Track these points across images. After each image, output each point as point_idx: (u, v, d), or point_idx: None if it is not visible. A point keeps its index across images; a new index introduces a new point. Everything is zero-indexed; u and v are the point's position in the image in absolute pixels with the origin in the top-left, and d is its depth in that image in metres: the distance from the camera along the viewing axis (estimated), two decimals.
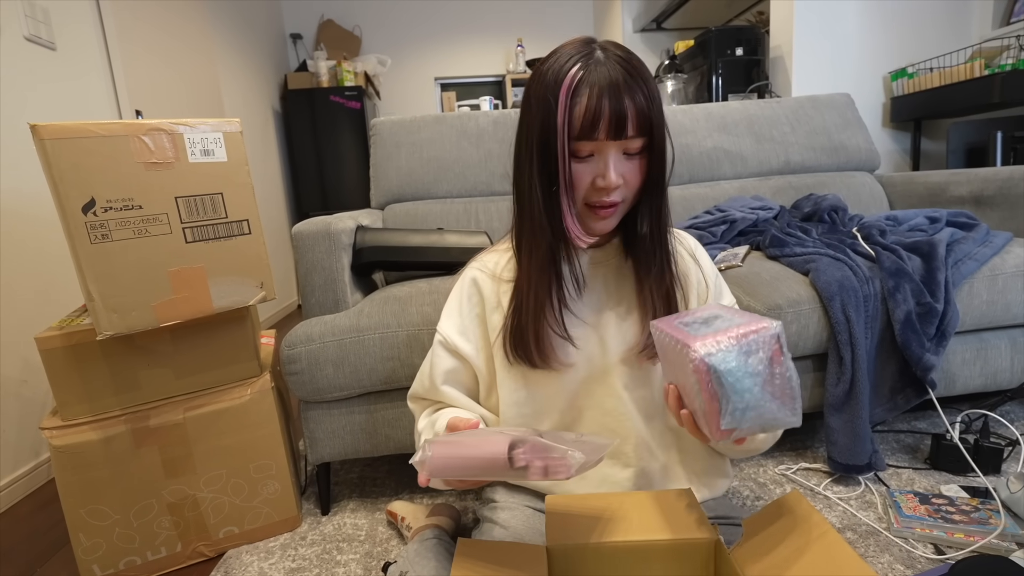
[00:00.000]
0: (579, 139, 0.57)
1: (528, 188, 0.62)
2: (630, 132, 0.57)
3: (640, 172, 0.60)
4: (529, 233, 0.64)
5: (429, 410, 0.74)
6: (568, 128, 0.57)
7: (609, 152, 0.58)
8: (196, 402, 0.98)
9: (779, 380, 0.48)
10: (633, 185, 0.61)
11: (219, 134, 0.88)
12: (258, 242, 0.94)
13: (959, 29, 2.09)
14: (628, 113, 0.56)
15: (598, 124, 0.56)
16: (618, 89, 0.55)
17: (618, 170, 0.58)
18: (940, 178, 1.58)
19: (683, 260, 0.72)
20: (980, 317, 1.15)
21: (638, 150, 0.59)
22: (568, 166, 0.58)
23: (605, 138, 0.57)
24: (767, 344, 0.47)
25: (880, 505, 1.04)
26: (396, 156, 1.72)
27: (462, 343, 0.71)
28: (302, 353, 1.03)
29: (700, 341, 0.48)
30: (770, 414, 0.47)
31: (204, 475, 1.00)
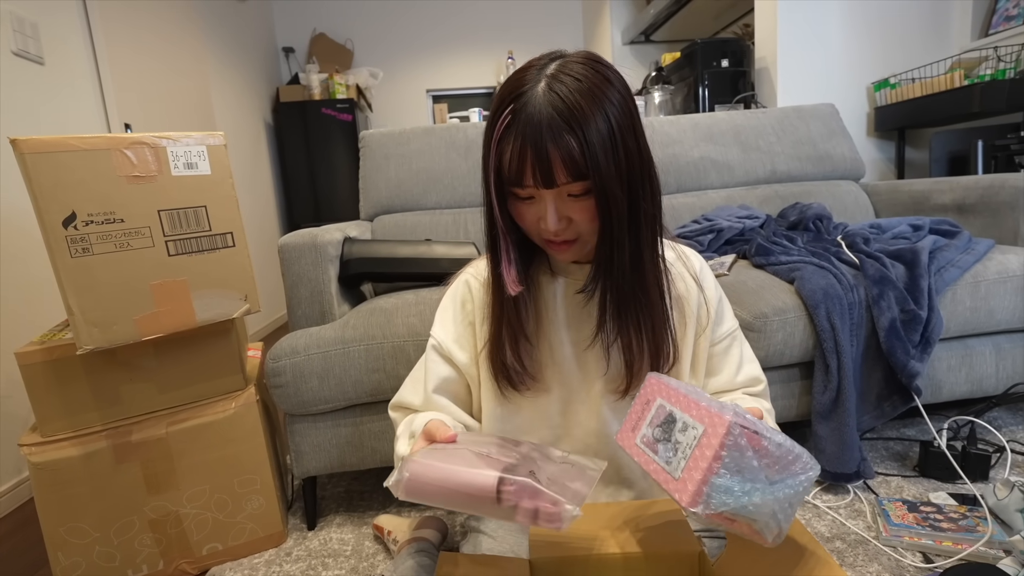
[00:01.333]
0: (512, 185, 0.55)
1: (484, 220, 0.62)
2: (560, 180, 0.53)
3: (589, 210, 0.55)
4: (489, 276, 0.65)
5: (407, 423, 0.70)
6: (499, 177, 0.56)
7: (547, 197, 0.55)
8: (179, 416, 0.97)
9: (774, 460, 0.44)
10: (584, 222, 0.57)
11: (203, 147, 0.88)
12: (242, 254, 0.94)
13: (940, 40, 2.13)
14: (554, 162, 0.51)
15: (523, 173, 0.53)
16: (542, 136, 0.51)
17: (560, 213, 0.55)
18: (923, 186, 1.60)
19: (683, 282, 0.68)
20: (964, 324, 1.16)
21: (581, 191, 0.54)
22: (498, 212, 0.57)
23: (535, 186, 0.54)
24: (740, 445, 0.42)
25: (869, 513, 1.03)
26: (385, 168, 1.72)
27: (456, 351, 0.69)
28: (287, 366, 1.02)
29: (689, 497, 0.42)
30: (794, 492, 0.43)
31: (187, 491, 0.98)
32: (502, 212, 0.58)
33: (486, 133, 0.56)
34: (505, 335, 0.64)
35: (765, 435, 0.43)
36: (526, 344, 0.64)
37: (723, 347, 0.70)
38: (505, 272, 0.60)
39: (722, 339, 0.70)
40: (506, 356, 0.64)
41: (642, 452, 0.50)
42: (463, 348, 0.69)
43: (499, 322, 0.64)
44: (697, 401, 0.47)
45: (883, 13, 2.12)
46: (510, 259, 0.60)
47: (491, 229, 0.60)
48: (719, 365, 0.70)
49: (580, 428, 0.69)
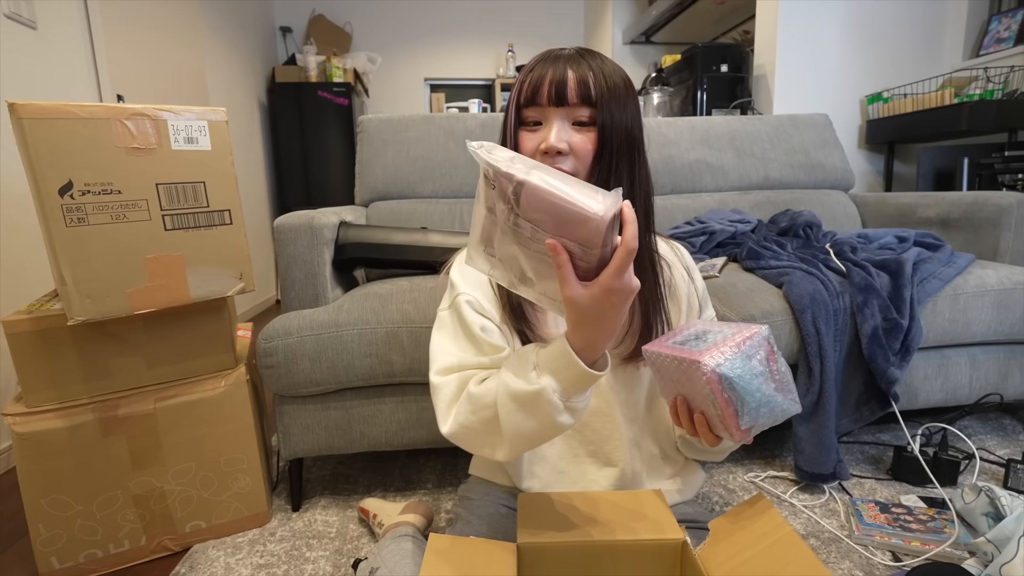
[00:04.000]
0: (525, 106, 0.61)
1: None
2: (571, 99, 0.59)
3: (590, 143, 0.60)
4: None
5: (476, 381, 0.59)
6: (518, 98, 0.62)
7: (552, 118, 0.60)
8: (168, 392, 0.97)
9: (778, 375, 0.53)
10: (583, 155, 0.61)
11: (204, 122, 0.87)
12: (239, 233, 0.94)
13: (932, 58, 2.18)
14: (568, 81, 0.58)
15: (539, 90, 0.59)
16: (563, 61, 0.59)
17: (561, 136, 0.59)
18: (910, 200, 1.64)
19: (676, 271, 0.71)
20: (942, 334, 1.20)
21: (586, 120, 0.60)
22: (514, 131, 0.62)
23: (547, 103, 0.59)
24: (762, 346, 0.52)
25: (843, 513, 1.07)
26: (383, 154, 1.71)
27: (486, 303, 0.65)
28: (279, 346, 1.02)
29: (707, 355, 0.51)
30: (778, 406, 0.53)
31: (173, 467, 0.98)
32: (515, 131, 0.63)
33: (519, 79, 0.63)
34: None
35: (780, 358, 0.53)
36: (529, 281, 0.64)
37: None
38: None
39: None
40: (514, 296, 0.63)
41: (672, 348, 0.55)
42: (490, 301, 0.65)
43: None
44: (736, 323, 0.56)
45: (879, 29, 2.16)
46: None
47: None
48: None
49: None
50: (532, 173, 0.44)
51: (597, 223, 0.42)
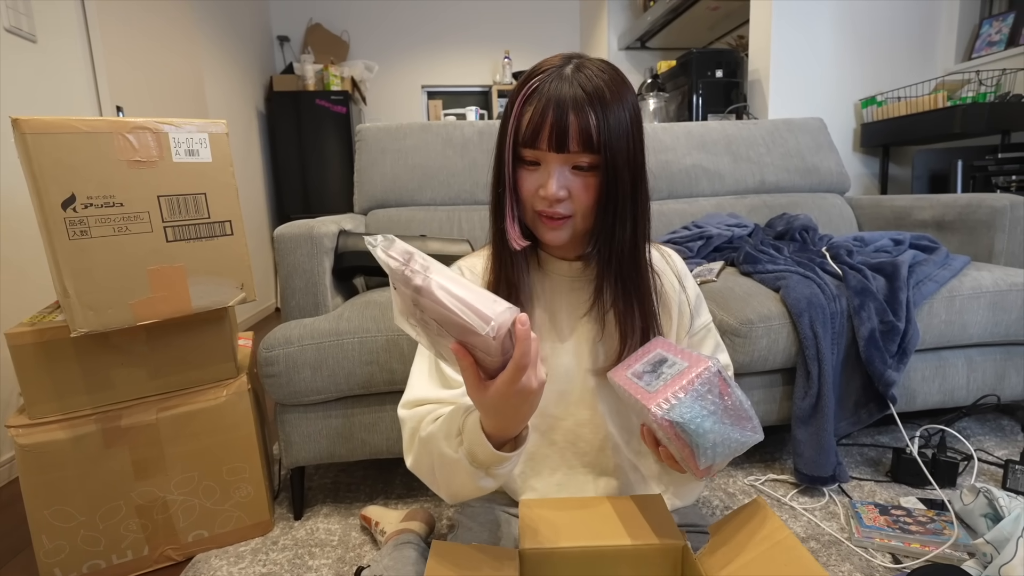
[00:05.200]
0: (524, 145, 0.59)
1: (490, 190, 0.65)
2: (572, 147, 0.57)
3: (591, 190, 0.60)
4: (491, 236, 0.67)
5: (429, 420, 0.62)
6: (515, 133, 0.59)
7: (551, 163, 0.59)
8: (170, 403, 0.97)
9: (733, 409, 0.53)
10: (583, 201, 0.60)
11: (204, 135, 0.88)
12: (240, 243, 0.94)
13: (925, 61, 2.20)
14: (570, 129, 0.56)
15: (539, 134, 0.57)
16: (566, 104, 0.56)
17: (561, 183, 0.59)
18: (905, 202, 1.65)
19: (667, 280, 0.72)
20: (939, 336, 1.21)
21: (587, 165, 0.59)
22: (510, 169, 0.60)
23: (547, 149, 0.58)
24: (712, 383, 0.52)
25: (843, 516, 1.07)
26: (381, 162, 1.73)
27: None
28: (280, 355, 1.03)
29: (657, 400, 0.52)
30: (736, 441, 0.53)
31: (175, 477, 0.98)
32: (514, 172, 0.61)
33: (509, 100, 0.61)
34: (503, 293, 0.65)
35: (735, 390, 0.53)
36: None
37: (699, 337, 0.75)
38: (509, 227, 0.62)
39: (699, 330, 0.75)
40: None
41: (629, 381, 0.57)
42: None
43: (497, 280, 0.66)
44: (691, 352, 0.56)
45: (873, 32, 2.18)
46: (514, 216, 0.62)
47: (498, 186, 0.63)
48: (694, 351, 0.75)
49: (572, 419, 0.71)
50: (430, 278, 0.43)
51: (488, 338, 0.42)
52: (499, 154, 0.61)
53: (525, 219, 0.64)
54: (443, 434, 0.57)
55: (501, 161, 0.61)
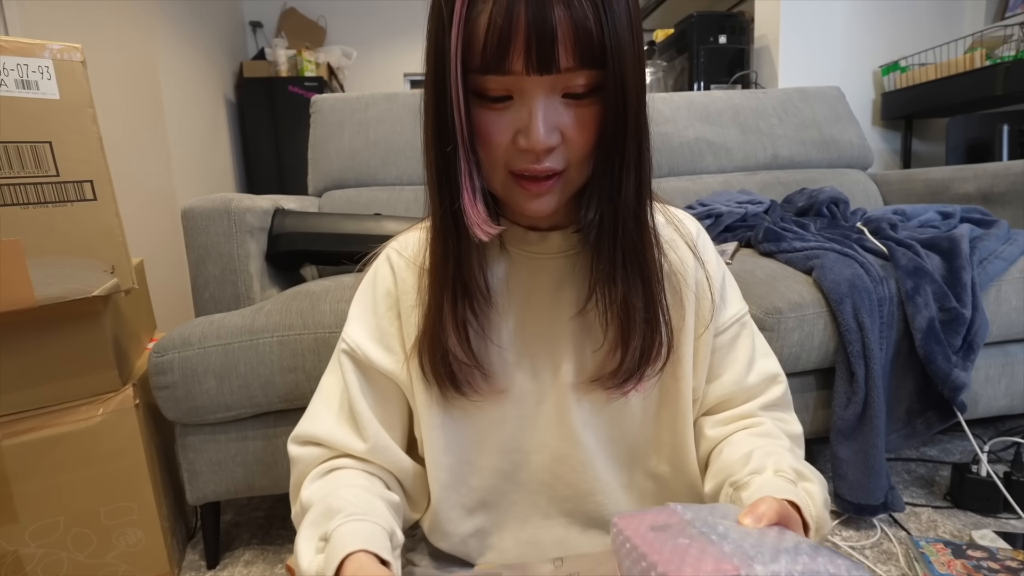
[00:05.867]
0: (483, 71, 0.36)
1: (423, 149, 0.41)
2: (564, 62, 0.35)
3: (591, 124, 0.38)
4: (429, 214, 0.44)
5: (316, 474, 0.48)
6: (465, 55, 0.36)
7: (535, 93, 0.36)
8: (20, 426, 0.73)
9: None
10: (580, 144, 0.39)
11: (47, 62, 0.64)
12: (107, 211, 0.71)
13: (951, 22, 1.99)
14: (558, 29, 0.34)
15: (508, 47, 0.34)
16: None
17: (550, 122, 0.37)
18: (942, 175, 1.43)
19: (680, 254, 0.48)
20: (1008, 327, 0.98)
21: (585, 89, 0.37)
22: (462, 113, 0.37)
23: (523, 71, 0.35)
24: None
25: (902, 557, 0.84)
26: (338, 136, 1.50)
27: (378, 355, 0.48)
28: (175, 360, 0.79)
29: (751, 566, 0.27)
30: None
31: (31, 525, 0.74)
32: (467, 114, 0.37)
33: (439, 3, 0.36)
34: (448, 314, 0.43)
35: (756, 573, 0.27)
36: (480, 334, 0.45)
37: (729, 337, 0.51)
38: (469, 207, 0.39)
39: (727, 326, 0.51)
40: (448, 341, 0.44)
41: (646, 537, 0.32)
42: (388, 349, 0.49)
43: (440, 293, 0.44)
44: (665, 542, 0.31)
45: None
46: (474, 188, 0.39)
47: (441, 146, 0.39)
48: (723, 362, 0.51)
49: (545, 453, 0.48)
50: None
51: None
52: (437, 92, 0.38)
53: (491, 186, 0.42)
54: (310, 520, 0.43)
55: (443, 102, 0.37)
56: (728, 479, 0.44)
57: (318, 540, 0.42)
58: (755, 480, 0.42)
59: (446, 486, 0.48)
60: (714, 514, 0.34)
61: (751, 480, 0.42)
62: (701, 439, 0.51)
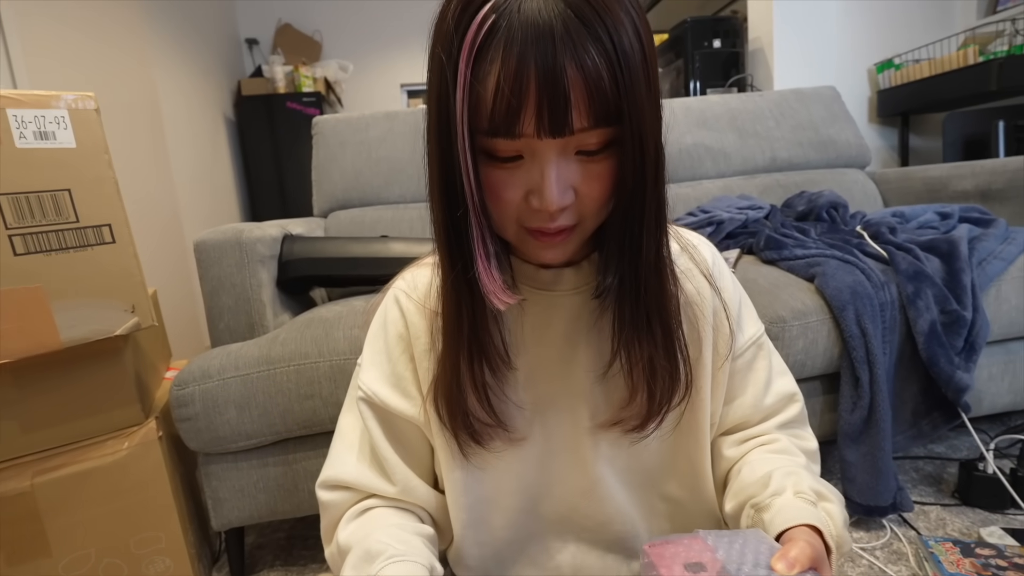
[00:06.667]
0: (492, 135, 0.35)
1: (430, 207, 0.40)
2: (578, 123, 0.33)
3: (607, 177, 0.37)
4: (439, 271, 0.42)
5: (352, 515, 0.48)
6: (472, 116, 0.34)
7: (547, 155, 0.35)
8: (51, 463, 0.76)
9: None
10: (595, 197, 0.38)
11: (63, 112, 0.67)
12: (126, 253, 0.73)
13: (944, 18, 2.00)
14: (571, 91, 0.32)
15: (518, 112, 0.33)
16: (552, 47, 0.32)
17: (563, 181, 0.36)
18: (940, 172, 1.44)
19: (694, 283, 0.48)
20: (1009, 325, 1.00)
21: (599, 146, 0.36)
22: (471, 176, 0.35)
23: (535, 135, 0.34)
24: None
25: (912, 557, 0.86)
26: (341, 157, 1.53)
27: (396, 400, 0.48)
28: (195, 393, 0.82)
29: None
30: None
31: (64, 558, 0.77)
32: (476, 183, 0.36)
33: (444, 48, 0.34)
34: (466, 376, 0.43)
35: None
36: (496, 388, 0.45)
37: (746, 360, 0.51)
38: (484, 276, 0.38)
39: (744, 349, 0.51)
40: (468, 402, 0.44)
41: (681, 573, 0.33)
42: (405, 394, 0.48)
43: (456, 354, 0.43)
44: None
45: None
46: (489, 253, 0.39)
47: (451, 209, 0.37)
48: (741, 384, 0.51)
49: (562, 486, 0.50)
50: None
51: None
52: (443, 152, 0.36)
53: (503, 235, 0.41)
54: (351, 563, 0.43)
55: (450, 164, 0.36)
56: (749, 500, 0.45)
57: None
58: (776, 502, 0.42)
59: (467, 525, 0.49)
60: (746, 554, 0.35)
61: (772, 502, 0.43)
62: (719, 459, 0.52)
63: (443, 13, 0.35)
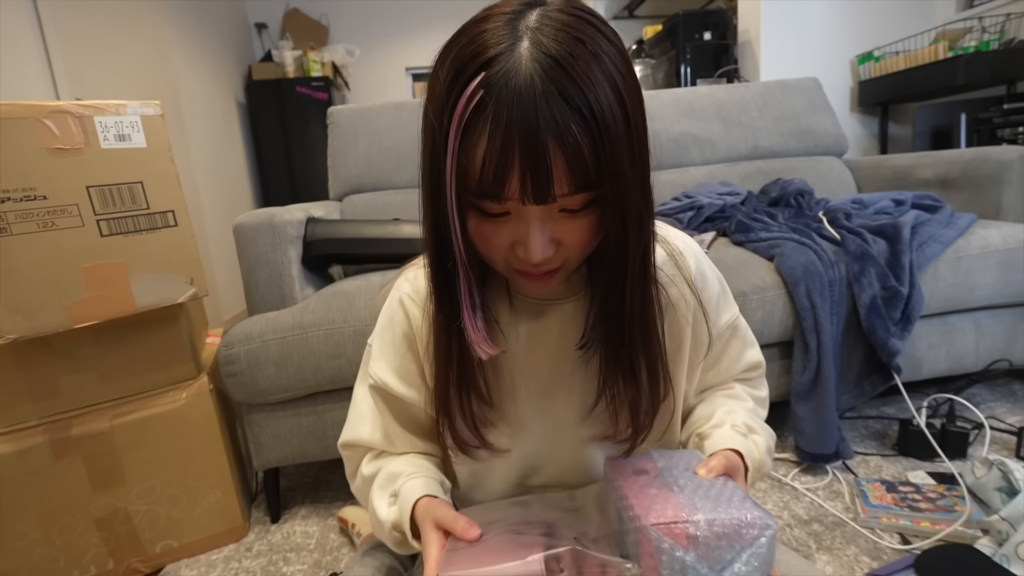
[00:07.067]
0: (480, 197, 0.38)
1: (424, 250, 0.44)
2: (559, 190, 0.36)
3: (589, 230, 0.40)
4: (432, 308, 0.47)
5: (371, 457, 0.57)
6: (461, 178, 0.37)
7: (532, 215, 0.38)
8: (124, 408, 0.91)
9: (717, 546, 0.38)
10: (578, 244, 0.41)
11: (136, 118, 0.81)
12: (186, 235, 0.88)
13: (924, 12, 2.09)
14: (555, 166, 0.35)
15: (504, 182, 0.36)
16: (536, 123, 0.34)
17: (547, 236, 0.39)
18: (906, 161, 1.57)
19: (678, 288, 0.51)
20: (945, 300, 1.13)
21: (581, 205, 0.39)
22: (461, 233, 0.39)
23: (519, 201, 0.37)
24: (666, 550, 0.37)
25: (847, 495, 1.01)
26: (354, 145, 1.65)
27: (402, 389, 0.54)
28: (241, 353, 0.97)
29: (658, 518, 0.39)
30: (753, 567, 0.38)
31: (136, 487, 0.93)
32: (464, 238, 0.40)
33: (435, 112, 0.37)
34: (455, 401, 0.49)
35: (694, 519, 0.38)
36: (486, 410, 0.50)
37: (723, 341, 0.58)
38: (470, 327, 0.42)
39: (721, 332, 0.58)
40: (457, 427, 0.50)
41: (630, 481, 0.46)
42: (410, 384, 0.54)
43: (445, 384, 0.48)
44: (641, 489, 0.43)
45: None
46: (475, 307, 0.42)
47: (441, 260, 0.42)
48: (716, 360, 0.59)
49: (552, 465, 0.58)
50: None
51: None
52: (435, 206, 0.39)
53: (493, 266, 0.44)
54: (378, 484, 0.53)
55: (442, 219, 0.39)
56: (696, 430, 0.55)
57: (389, 497, 0.51)
58: (715, 432, 0.52)
59: (466, 487, 0.58)
60: (680, 464, 0.47)
61: (712, 432, 0.52)
62: (685, 405, 0.59)
63: (436, 73, 0.38)
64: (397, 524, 0.50)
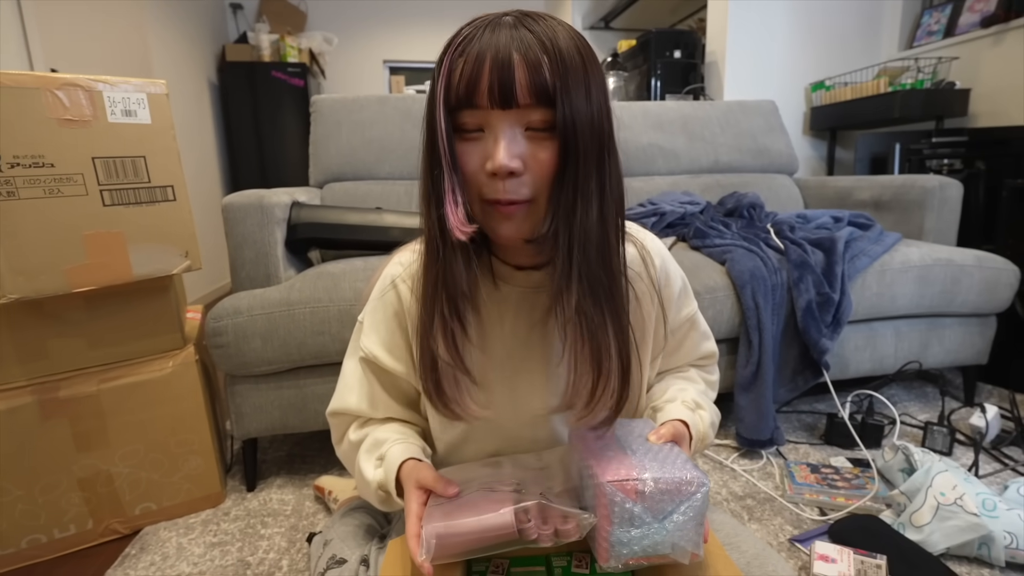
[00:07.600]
0: (459, 108, 0.46)
1: (420, 176, 0.51)
2: (522, 99, 0.44)
3: (550, 155, 0.46)
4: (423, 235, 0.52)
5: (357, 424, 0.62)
6: (447, 96, 0.46)
7: (500, 126, 0.46)
8: (112, 374, 0.95)
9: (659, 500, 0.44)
10: (542, 173, 0.47)
11: (143, 95, 0.85)
12: (184, 209, 0.92)
13: (871, 48, 2.29)
14: (516, 74, 0.44)
15: (476, 87, 0.45)
16: (507, 47, 0.44)
17: (513, 149, 0.45)
18: (847, 183, 1.73)
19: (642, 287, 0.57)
20: (870, 308, 1.28)
21: (543, 125, 0.46)
22: (445, 143, 0.46)
23: (488, 105, 0.45)
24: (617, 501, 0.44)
25: (778, 475, 1.14)
26: (337, 135, 1.69)
27: (390, 362, 0.60)
28: (229, 326, 1.01)
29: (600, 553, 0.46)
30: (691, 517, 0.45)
31: (120, 449, 0.96)
32: (449, 143, 0.47)
33: (438, 60, 0.48)
34: (437, 319, 0.51)
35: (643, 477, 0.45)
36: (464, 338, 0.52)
37: (682, 333, 0.66)
38: (450, 211, 0.47)
39: (680, 325, 0.65)
40: (436, 344, 0.51)
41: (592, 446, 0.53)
42: (398, 359, 0.60)
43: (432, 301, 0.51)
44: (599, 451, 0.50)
45: (824, 19, 2.25)
46: (456, 199, 0.47)
47: (432, 168, 0.48)
48: (674, 350, 0.67)
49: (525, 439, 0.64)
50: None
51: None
52: (429, 128, 0.48)
53: (472, 211, 0.49)
54: (365, 449, 0.58)
55: (433, 136, 0.47)
56: (651, 404, 0.63)
57: (375, 460, 0.57)
58: (667, 406, 0.61)
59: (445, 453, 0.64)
60: (634, 431, 0.56)
61: (665, 405, 0.61)
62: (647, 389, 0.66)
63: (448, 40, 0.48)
64: (383, 484, 0.56)
